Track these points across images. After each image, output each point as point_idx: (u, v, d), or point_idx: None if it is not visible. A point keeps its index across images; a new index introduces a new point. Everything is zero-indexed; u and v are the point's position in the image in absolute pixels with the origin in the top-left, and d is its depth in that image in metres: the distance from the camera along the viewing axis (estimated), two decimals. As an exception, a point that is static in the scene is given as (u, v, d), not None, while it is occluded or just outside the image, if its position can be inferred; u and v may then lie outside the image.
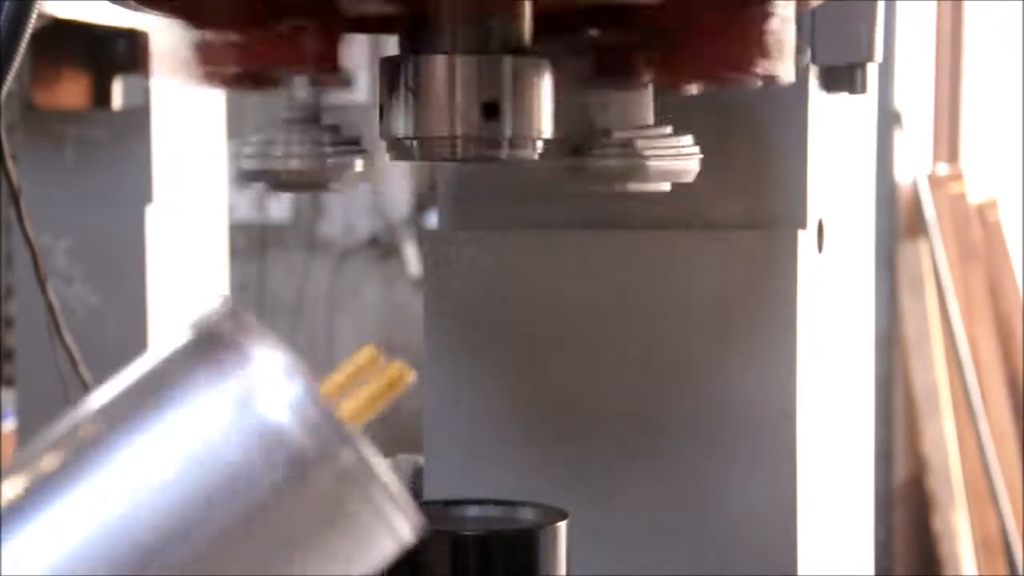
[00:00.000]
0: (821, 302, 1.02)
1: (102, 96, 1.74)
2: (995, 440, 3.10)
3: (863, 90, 1.01)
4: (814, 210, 1.00)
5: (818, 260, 1.01)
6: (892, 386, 3.21)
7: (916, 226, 3.25)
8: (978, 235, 3.35)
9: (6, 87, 0.79)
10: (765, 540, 0.99)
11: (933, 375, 3.20)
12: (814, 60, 1.00)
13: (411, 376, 0.56)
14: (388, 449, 1.14)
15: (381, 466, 0.53)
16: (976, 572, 3.15)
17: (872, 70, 1.02)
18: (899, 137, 3.21)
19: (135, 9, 0.83)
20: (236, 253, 2.31)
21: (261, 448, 0.51)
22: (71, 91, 1.76)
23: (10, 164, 1.16)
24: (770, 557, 0.98)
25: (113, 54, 1.72)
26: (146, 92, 1.77)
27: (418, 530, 0.54)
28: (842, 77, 1.01)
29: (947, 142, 3.64)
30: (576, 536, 0.86)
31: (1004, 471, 3.09)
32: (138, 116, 1.79)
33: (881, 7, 1.00)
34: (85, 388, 1.24)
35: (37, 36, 0.75)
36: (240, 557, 0.51)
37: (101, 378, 0.56)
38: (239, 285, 3.80)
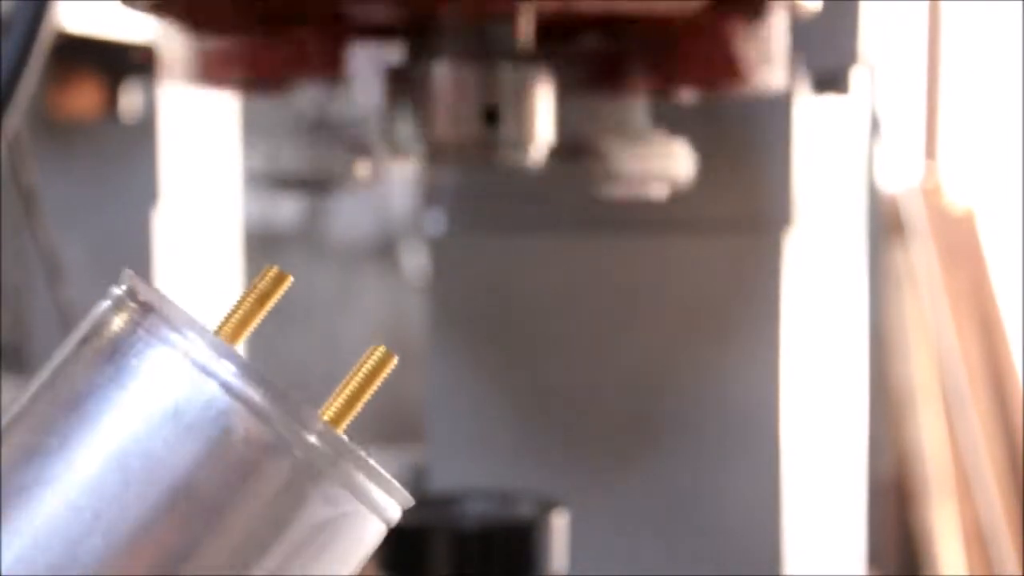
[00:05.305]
0: (807, 302, 1.03)
1: (115, 103, 1.76)
2: (979, 437, 3.11)
3: (848, 92, 1.02)
4: (800, 211, 1.01)
5: (804, 261, 1.03)
6: (879, 384, 3.22)
7: (901, 228, 3.27)
8: (961, 239, 3.36)
9: (19, 99, 0.80)
10: (751, 534, 1.00)
11: (920, 374, 3.22)
12: (806, 65, 1.01)
13: (394, 360, 0.47)
14: (391, 444, 1.17)
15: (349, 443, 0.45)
16: (963, 566, 3.16)
17: (857, 73, 1.03)
18: (884, 141, 3.22)
19: (145, 11, 0.84)
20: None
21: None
22: (84, 99, 1.78)
23: (27, 169, 1.17)
24: (756, 551, 1.00)
25: (126, 62, 1.74)
26: (158, 98, 1.79)
27: (416, 518, 0.47)
28: (828, 80, 1.01)
29: (931, 147, 3.66)
30: (572, 528, 0.88)
31: (991, 467, 3.11)
32: (149, 121, 1.80)
33: (868, 10, 1.01)
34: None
35: (51, 46, 0.77)
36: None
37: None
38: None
